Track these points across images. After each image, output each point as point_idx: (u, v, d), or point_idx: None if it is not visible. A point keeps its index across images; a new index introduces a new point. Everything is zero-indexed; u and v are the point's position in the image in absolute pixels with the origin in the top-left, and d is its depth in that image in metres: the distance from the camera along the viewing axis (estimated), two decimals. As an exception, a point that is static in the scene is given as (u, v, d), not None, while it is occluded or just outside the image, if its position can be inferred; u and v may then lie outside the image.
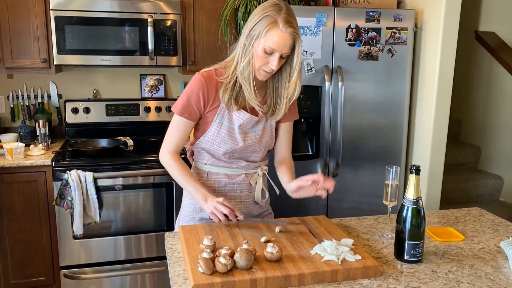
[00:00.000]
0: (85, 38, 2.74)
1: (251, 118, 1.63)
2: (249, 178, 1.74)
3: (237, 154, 1.68)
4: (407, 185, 1.40)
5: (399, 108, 2.83)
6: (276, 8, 1.49)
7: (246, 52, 1.54)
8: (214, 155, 1.69)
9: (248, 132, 1.66)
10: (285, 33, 1.47)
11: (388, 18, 2.70)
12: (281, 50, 1.49)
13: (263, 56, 1.51)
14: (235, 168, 1.70)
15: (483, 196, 3.65)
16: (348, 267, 1.28)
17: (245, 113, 1.62)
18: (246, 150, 1.68)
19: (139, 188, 2.72)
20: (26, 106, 3.09)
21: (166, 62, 2.88)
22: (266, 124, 1.69)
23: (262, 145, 1.71)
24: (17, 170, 2.57)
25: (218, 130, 1.63)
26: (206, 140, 1.66)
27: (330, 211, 2.82)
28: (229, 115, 1.62)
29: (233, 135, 1.64)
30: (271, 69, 1.53)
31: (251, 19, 1.53)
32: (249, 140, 1.66)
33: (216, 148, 1.65)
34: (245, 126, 1.64)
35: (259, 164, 1.75)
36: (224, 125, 1.63)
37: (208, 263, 1.23)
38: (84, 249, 2.68)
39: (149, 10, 2.78)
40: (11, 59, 2.73)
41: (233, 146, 1.64)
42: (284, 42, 1.48)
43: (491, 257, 1.46)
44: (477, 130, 3.95)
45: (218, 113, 1.62)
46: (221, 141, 1.64)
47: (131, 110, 3.18)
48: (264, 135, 1.70)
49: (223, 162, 1.69)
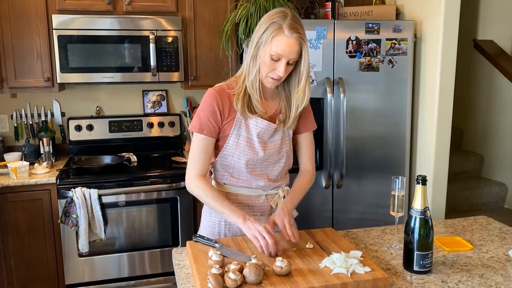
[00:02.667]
0: (87, 56, 2.76)
1: (269, 125, 1.61)
2: (270, 200, 1.70)
3: (258, 167, 1.65)
4: (414, 196, 1.41)
5: (401, 118, 2.84)
6: (282, 15, 1.50)
7: (254, 62, 1.55)
8: (233, 174, 1.65)
9: (267, 142, 1.64)
10: (291, 39, 1.48)
11: (387, 29, 2.73)
12: (288, 56, 1.49)
13: (270, 63, 1.51)
14: (254, 187, 1.67)
15: (487, 204, 3.64)
16: (358, 279, 1.28)
17: (262, 120, 1.60)
18: (267, 162, 1.66)
19: (144, 204, 2.72)
20: (30, 125, 3.11)
21: (168, 78, 2.90)
22: (284, 133, 1.68)
23: (282, 156, 1.68)
24: (21, 189, 2.57)
25: (237, 142, 1.61)
26: (225, 154, 1.63)
27: (335, 222, 2.82)
28: (246, 125, 1.61)
29: (252, 145, 1.61)
30: (278, 76, 1.53)
31: (258, 29, 1.54)
32: (269, 149, 1.64)
33: (237, 160, 1.62)
34: (263, 135, 1.62)
35: (280, 183, 1.73)
36: (242, 136, 1.61)
37: (218, 278, 1.22)
38: (89, 266, 2.67)
39: (151, 27, 2.81)
40: (14, 78, 2.75)
41: (253, 156, 1.62)
42: (291, 48, 1.49)
43: (500, 266, 1.45)
44: (479, 138, 3.95)
45: (235, 124, 1.60)
46: (240, 153, 1.61)
47: (134, 126, 3.19)
48: (283, 145, 1.68)
49: (242, 181, 1.66)
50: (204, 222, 1.76)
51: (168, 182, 2.69)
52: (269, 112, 1.65)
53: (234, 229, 1.69)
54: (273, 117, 1.65)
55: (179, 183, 2.69)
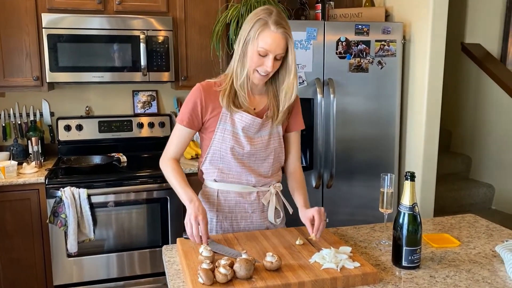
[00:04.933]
0: (77, 55, 2.75)
1: (254, 119, 1.63)
2: (261, 197, 1.71)
3: (246, 161, 1.66)
4: (402, 192, 1.42)
5: (390, 118, 2.87)
6: (267, 12, 1.54)
7: (242, 59, 1.57)
8: (223, 169, 1.66)
9: (254, 137, 1.65)
10: (277, 33, 1.51)
11: (377, 31, 2.76)
12: (275, 50, 1.52)
13: (258, 59, 1.53)
14: (245, 183, 1.68)
15: (475, 204, 3.69)
16: (347, 274, 1.29)
17: (246, 114, 1.62)
18: (255, 157, 1.67)
19: (134, 204, 2.71)
20: (18, 125, 3.08)
21: (159, 78, 2.90)
22: (272, 130, 1.69)
23: (270, 152, 1.69)
24: (9, 188, 2.55)
25: (223, 136, 1.63)
26: (213, 150, 1.65)
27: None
28: (231, 119, 1.62)
29: (237, 139, 1.63)
30: (266, 71, 1.55)
31: (244, 27, 1.57)
32: (255, 145, 1.65)
33: (224, 154, 1.64)
34: (248, 130, 1.64)
35: (271, 180, 1.73)
36: (228, 130, 1.63)
37: (208, 273, 1.23)
38: (78, 267, 2.65)
39: (141, 27, 2.81)
40: (3, 77, 2.72)
41: (239, 150, 1.64)
42: (277, 43, 1.52)
43: (487, 261, 1.47)
44: (467, 140, 4.00)
45: (220, 119, 1.63)
46: (227, 146, 1.63)
47: (124, 127, 3.18)
48: (271, 141, 1.69)
49: (232, 176, 1.67)
50: None
51: (158, 182, 2.68)
52: (257, 108, 1.67)
53: (225, 226, 1.71)
54: (261, 113, 1.66)
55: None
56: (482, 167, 3.87)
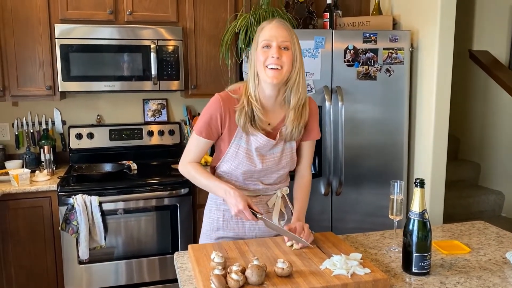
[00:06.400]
0: (89, 65, 2.80)
1: (268, 141, 1.64)
2: (267, 199, 1.74)
3: (255, 176, 1.70)
4: (412, 199, 1.43)
5: (398, 126, 2.87)
6: (268, 20, 1.63)
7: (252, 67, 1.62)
8: (230, 179, 1.71)
9: (266, 155, 1.67)
10: (273, 24, 1.58)
11: (384, 39, 2.78)
12: (276, 38, 1.56)
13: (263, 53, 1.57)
14: (252, 190, 1.72)
15: (485, 212, 3.67)
16: (358, 280, 1.30)
17: (262, 136, 1.63)
18: (264, 172, 1.70)
19: (144, 211, 2.73)
20: (31, 133, 3.13)
21: (169, 87, 2.94)
22: (285, 146, 1.70)
23: (280, 167, 1.71)
24: (22, 196, 2.59)
25: (236, 152, 1.66)
26: (225, 160, 1.68)
27: (334, 229, 2.83)
28: (247, 137, 1.65)
29: (251, 157, 1.66)
30: (274, 61, 1.54)
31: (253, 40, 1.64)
32: (267, 162, 1.68)
33: (234, 169, 1.67)
34: (262, 149, 1.66)
35: (279, 186, 1.76)
36: (242, 147, 1.65)
37: (221, 279, 1.24)
38: (88, 273, 2.67)
39: (152, 37, 2.86)
40: (17, 87, 2.78)
41: (251, 167, 1.66)
42: (276, 30, 1.57)
43: (498, 268, 1.48)
44: (476, 147, 3.99)
45: (236, 134, 1.65)
46: (239, 163, 1.66)
47: (134, 135, 3.22)
48: (283, 157, 1.70)
49: (239, 185, 1.70)
50: (205, 220, 1.82)
51: (168, 190, 2.71)
52: (273, 123, 1.68)
53: (232, 225, 1.75)
54: (277, 128, 1.67)
55: (179, 190, 2.71)
56: (491, 174, 3.85)
